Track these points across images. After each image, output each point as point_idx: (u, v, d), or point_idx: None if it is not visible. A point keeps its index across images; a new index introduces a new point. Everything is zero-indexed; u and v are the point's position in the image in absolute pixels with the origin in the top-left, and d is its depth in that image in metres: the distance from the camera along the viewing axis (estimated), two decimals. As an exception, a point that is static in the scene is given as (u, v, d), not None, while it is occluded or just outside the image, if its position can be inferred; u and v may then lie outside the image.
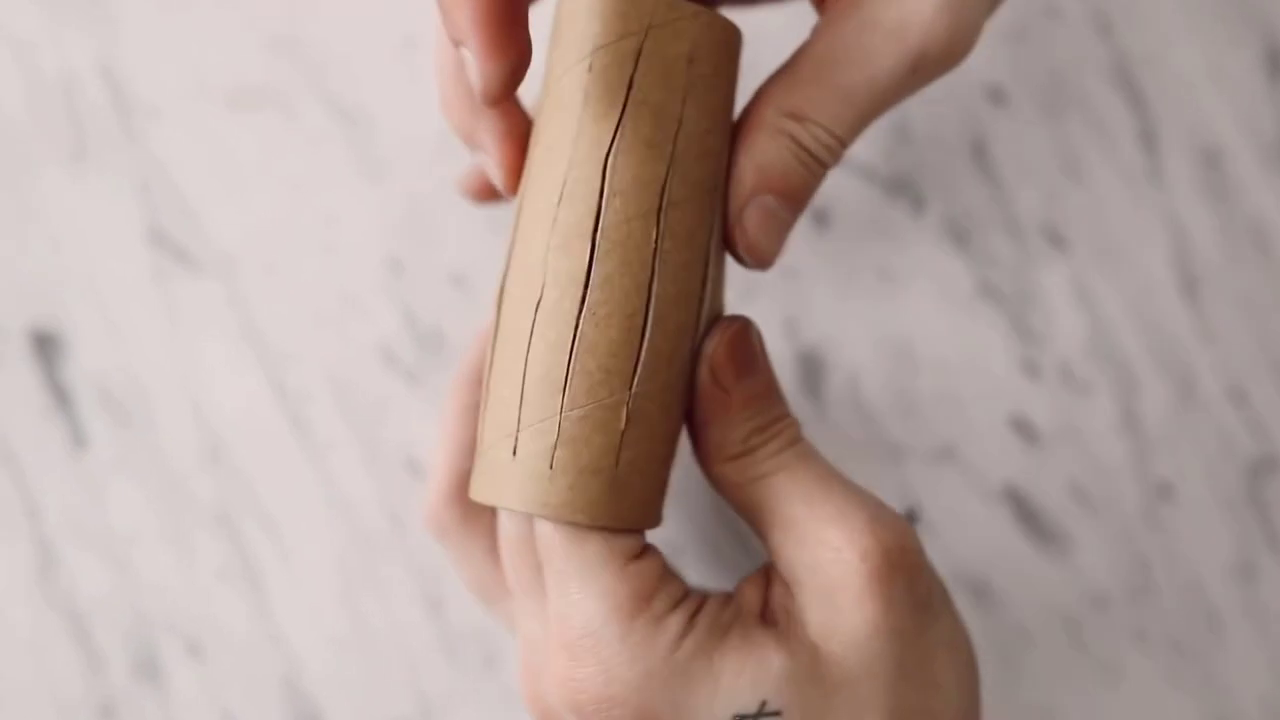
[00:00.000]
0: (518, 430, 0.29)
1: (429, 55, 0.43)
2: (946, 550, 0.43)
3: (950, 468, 0.43)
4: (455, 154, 0.43)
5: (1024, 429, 0.43)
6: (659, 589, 0.30)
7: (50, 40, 0.44)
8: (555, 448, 0.29)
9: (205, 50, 0.44)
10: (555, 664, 0.30)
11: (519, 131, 0.31)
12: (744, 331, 0.31)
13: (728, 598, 0.32)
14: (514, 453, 0.29)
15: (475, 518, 0.35)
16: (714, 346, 0.31)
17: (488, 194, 0.39)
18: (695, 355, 0.31)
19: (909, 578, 0.30)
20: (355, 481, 0.43)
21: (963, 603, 0.43)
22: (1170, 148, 0.44)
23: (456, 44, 0.28)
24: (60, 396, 0.43)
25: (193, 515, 0.43)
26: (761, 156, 0.30)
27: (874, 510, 0.31)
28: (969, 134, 0.44)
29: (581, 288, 0.29)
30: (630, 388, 0.30)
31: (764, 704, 0.29)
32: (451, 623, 0.43)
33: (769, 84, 0.31)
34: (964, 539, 0.43)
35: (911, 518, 0.43)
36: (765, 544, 0.32)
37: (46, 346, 0.43)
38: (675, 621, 0.30)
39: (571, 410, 0.29)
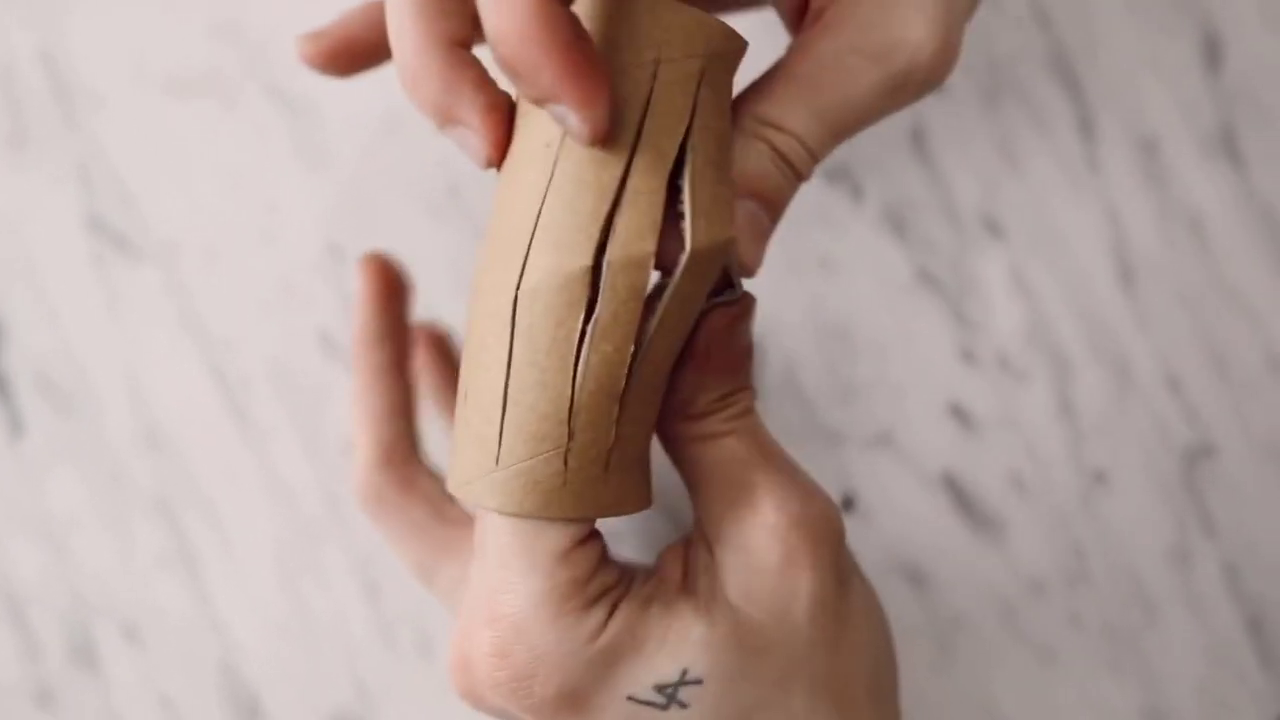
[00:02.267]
0: (569, 443, 0.29)
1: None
2: (883, 536, 0.43)
3: (887, 454, 0.44)
4: (396, 138, 0.44)
5: (961, 416, 0.44)
6: (594, 575, 0.31)
7: (-10, 27, 0.44)
8: (611, 452, 0.30)
9: (146, 37, 0.44)
10: (482, 639, 0.30)
11: (504, 104, 0.30)
12: (746, 308, 0.31)
13: (650, 571, 0.32)
14: (565, 463, 0.29)
15: (412, 483, 0.35)
16: (719, 315, 0.31)
17: (340, 64, 0.36)
18: None
19: (834, 549, 0.31)
20: (294, 468, 0.43)
21: (899, 588, 0.43)
22: (1108, 137, 0.44)
23: (542, 103, 0.27)
24: (-1, 383, 0.43)
25: (131, 501, 0.43)
26: (742, 161, 0.30)
27: (807, 484, 0.32)
28: (908, 123, 0.44)
29: (640, 301, 0.29)
30: (664, 386, 0.31)
31: (685, 672, 0.30)
32: (388, 608, 0.43)
33: (745, 96, 0.31)
34: (901, 525, 0.43)
35: (848, 504, 0.43)
36: (697, 503, 0.32)
37: (-15, 333, 0.43)
38: (603, 607, 0.30)
39: (627, 422, 0.30)
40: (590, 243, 0.28)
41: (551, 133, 0.29)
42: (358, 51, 0.35)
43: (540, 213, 0.29)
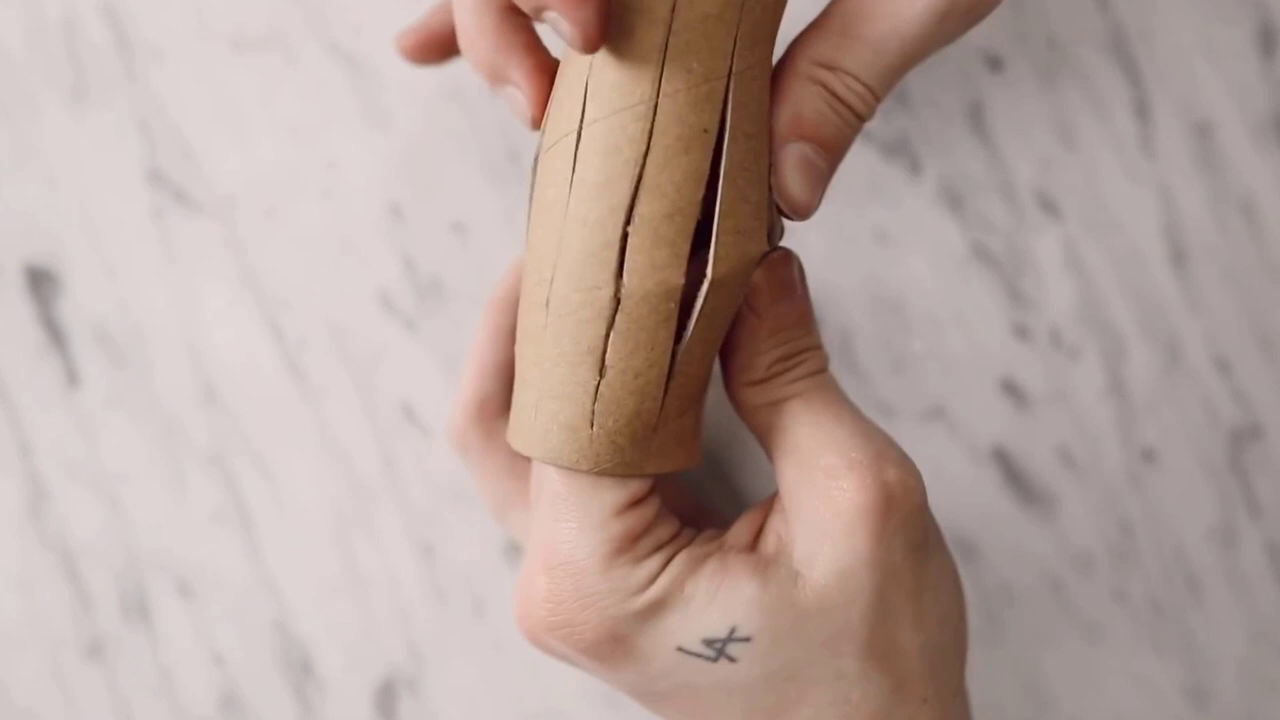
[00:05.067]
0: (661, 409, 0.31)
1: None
2: (934, 509, 0.43)
3: (940, 427, 0.44)
4: (457, 101, 0.44)
5: (1013, 391, 0.44)
6: (648, 531, 0.31)
7: (53, -22, 0.44)
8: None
9: (209, -8, 0.44)
10: (539, 585, 0.31)
11: (550, 67, 0.31)
12: (781, 261, 0.32)
13: (714, 534, 0.33)
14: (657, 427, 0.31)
15: (497, 435, 0.37)
16: (762, 277, 0.32)
17: (428, 55, 0.38)
18: None
19: (905, 516, 0.31)
20: (350, 427, 0.43)
21: (949, 561, 0.43)
22: (1163, 120, 0.45)
23: (538, 12, 0.28)
24: (55, 334, 0.43)
25: (186, 456, 0.43)
26: (795, 104, 0.31)
27: (882, 446, 0.32)
28: (966, 99, 0.44)
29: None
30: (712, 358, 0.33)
31: (734, 629, 0.31)
32: (441, 569, 0.43)
33: (801, 38, 0.32)
34: (951, 499, 0.44)
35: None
36: (774, 467, 0.33)
37: (42, 284, 0.43)
38: (654, 561, 0.31)
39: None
40: (683, 258, 0.30)
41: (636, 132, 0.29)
42: (445, 42, 0.38)
43: (628, 225, 0.29)
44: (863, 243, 0.44)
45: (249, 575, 0.43)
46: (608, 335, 0.30)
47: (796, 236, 0.44)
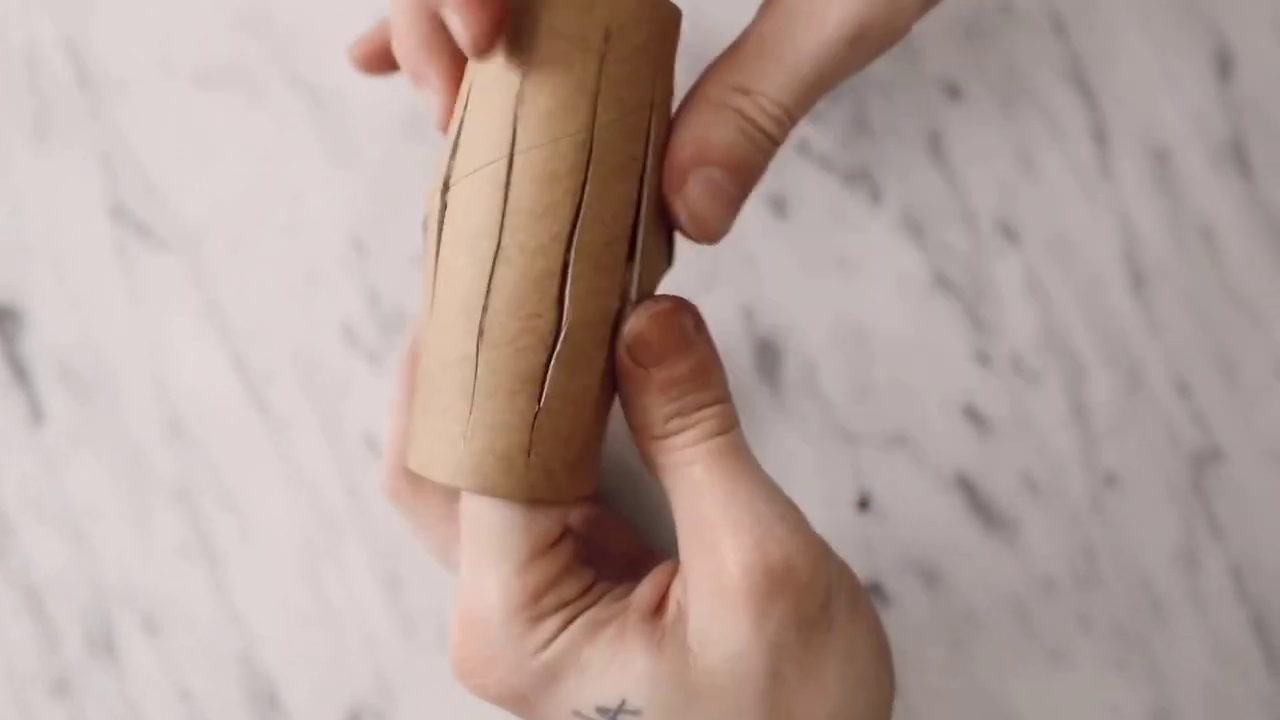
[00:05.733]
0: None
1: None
2: (898, 535, 0.44)
3: (903, 454, 0.44)
4: (419, 134, 0.44)
5: (975, 417, 0.44)
6: (554, 586, 0.31)
7: (15, 12, 0.44)
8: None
9: (172, 26, 0.44)
10: (454, 630, 0.32)
11: (461, 73, 0.32)
12: (670, 312, 0.31)
13: (622, 593, 0.32)
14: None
15: (425, 484, 0.36)
16: (635, 324, 0.31)
17: (377, 66, 0.39)
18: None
19: (793, 597, 0.30)
20: (315, 460, 0.43)
21: (913, 587, 0.44)
22: (1121, 145, 0.45)
23: (438, 9, 0.29)
24: (18, 371, 0.43)
25: (152, 491, 0.43)
26: (705, 129, 0.31)
27: (771, 523, 0.30)
28: (926, 127, 0.45)
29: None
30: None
31: (624, 701, 0.31)
32: (408, 601, 0.43)
33: (715, 63, 0.32)
34: (915, 524, 0.44)
35: (863, 503, 0.44)
36: (678, 532, 0.32)
37: (5, 320, 0.43)
38: (554, 622, 0.31)
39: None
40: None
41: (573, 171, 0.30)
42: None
43: (569, 253, 0.30)
44: (825, 271, 0.44)
45: (215, 609, 0.43)
46: (548, 363, 0.30)
47: (756, 265, 0.44)
